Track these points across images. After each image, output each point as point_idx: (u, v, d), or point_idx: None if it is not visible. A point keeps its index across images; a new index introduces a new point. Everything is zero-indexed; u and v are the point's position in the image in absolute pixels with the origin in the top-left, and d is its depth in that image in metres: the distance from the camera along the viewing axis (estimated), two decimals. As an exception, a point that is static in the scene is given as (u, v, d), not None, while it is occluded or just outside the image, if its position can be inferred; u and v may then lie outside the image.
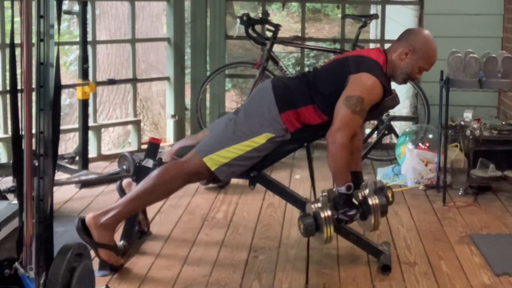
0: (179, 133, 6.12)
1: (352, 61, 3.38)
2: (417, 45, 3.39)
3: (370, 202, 3.18)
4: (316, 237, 3.18)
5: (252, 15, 5.41)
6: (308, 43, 6.46)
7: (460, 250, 3.71)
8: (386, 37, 6.02)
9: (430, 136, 5.03)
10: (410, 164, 4.88)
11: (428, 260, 3.58)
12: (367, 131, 5.82)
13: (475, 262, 3.55)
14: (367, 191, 3.25)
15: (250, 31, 5.31)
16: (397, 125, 5.76)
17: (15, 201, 2.80)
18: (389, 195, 3.29)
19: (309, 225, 3.11)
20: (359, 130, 3.43)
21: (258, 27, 5.51)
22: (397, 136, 5.34)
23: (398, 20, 6.88)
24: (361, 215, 3.22)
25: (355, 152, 3.44)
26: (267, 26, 5.52)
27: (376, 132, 5.47)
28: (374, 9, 8.22)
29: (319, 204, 3.16)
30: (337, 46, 6.11)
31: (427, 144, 4.98)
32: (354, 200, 3.23)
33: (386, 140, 5.83)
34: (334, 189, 3.24)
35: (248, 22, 5.27)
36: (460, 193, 4.65)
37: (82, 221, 3.30)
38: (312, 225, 3.11)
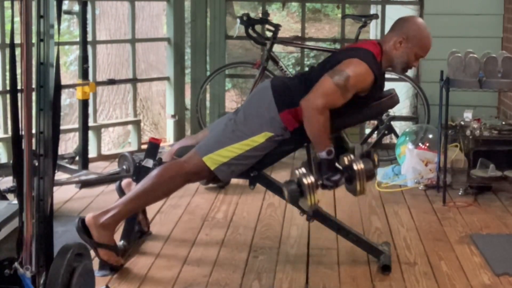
0: (179, 133, 6.12)
1: (345, 51, 3.43)
2: (411, 33, 3.39)
3: (355, 167, 3.15)
4: (301, 204, 3.18)
5: (252, 15, 5.41)
6: (308, 43, 6.46)
7: (460, 250, 3.71)
8: (386, 37, 6.02)
9: (430, 136, 5.03)
10: (410, 164, 4.88)
11: (428, 260, 3.58)
12: (367, 131, 5.82)
13: (475, 262, 3.55)
14: (352, 156, 3.23)
15: (250, 31, 5.30)
16: (397, 125, 5.76)
17: (15, 201, 2.80)
18: (375, 159, 3.28)
19: (293, 191, 3.10)
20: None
21: (258, 27, 5.50)
22: (397, 136, 5.34)
23: (398, 20, 6.87)
24: (347, 180, 3.20)
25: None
26: (267, 26, 5.51)
27: (376, 132, 5.47)
28: (374, 9, 8.22)
29: (303, 170, 3.15)
30: (337, 46, 6.11)
31: (427, 144, 4.98)
32: (338, 165, 3.22)
33: (386, 140, 5.83)
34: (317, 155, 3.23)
35: (248, 22, 5.26)
36: (460, 193, 4.65)
37: (82, 221, 3.30)
38: (296, 191, 3.09)
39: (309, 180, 3.06)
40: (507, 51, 5.04)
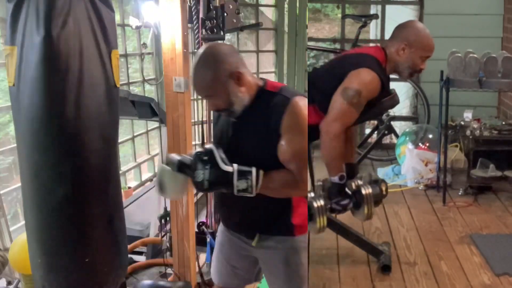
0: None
1: (351, 58, 3.42)
2: (411, 38, 3.41)
3: (363, 191, 3.19)
4: (309, 226, 3.19)
5: (252, 15, 5.42)
6: (308, 43, 6.45)
7: (460, 250, 3.71)
8: (386, 37, 6.00)
9: (430, 136, 5.03)
10: (410, 164, 4.88)
11: (428, 260, 3.58)
12: (367, 131, 5.82)
13: (475, 262, 3.55)
14: (361, 182, 3.26)
15: (250, 31, 5.31)
16: (397, 125, 5.76)
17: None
18: (383, 188, 3.30)
19: None
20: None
21: (258, 27, 5.51)
22: (397, 136, 5.35)
23: (398, 20, 6.80)
24: (354, 205, 3.23)
25: (349, 144, 3.45)
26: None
27: (376, 132, 5.47)
28: (374, 9, 8.22)
29: (312, 194, 3.17)
30: (337, 46, 6.11)
31: (427, 144, 4.98)
32: (347, 190, 3.25)
33: (386, 140, 5.83)
34: (328, 179, 3.26)
35: (248, 22, 5.27)
36: (460, 193, 4.65)
37: None
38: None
39: (318, 203, 3.08)
40: (507, 51, 5.04)
